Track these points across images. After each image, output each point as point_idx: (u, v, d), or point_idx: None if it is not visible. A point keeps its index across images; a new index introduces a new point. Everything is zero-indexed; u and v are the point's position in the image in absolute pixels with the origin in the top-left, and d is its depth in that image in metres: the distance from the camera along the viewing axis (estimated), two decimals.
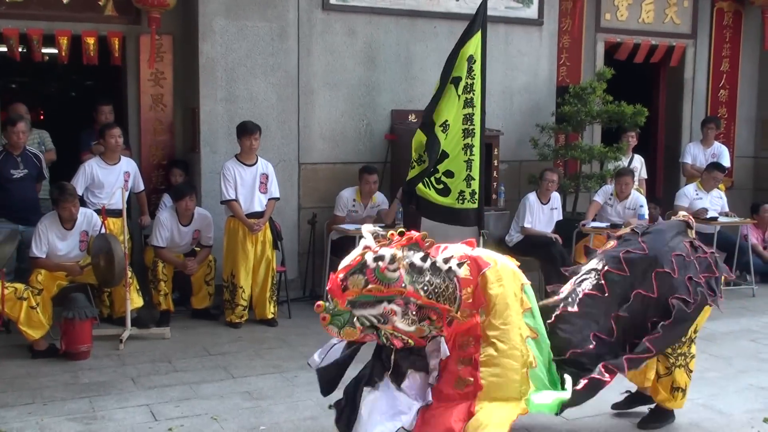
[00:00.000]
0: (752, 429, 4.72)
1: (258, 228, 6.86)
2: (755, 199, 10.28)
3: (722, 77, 10.69)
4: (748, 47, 10.78)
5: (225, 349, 6.23)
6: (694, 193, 8.77)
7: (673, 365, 4.59)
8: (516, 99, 8.97)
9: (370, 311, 3.75)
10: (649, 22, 10.11)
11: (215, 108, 7.54)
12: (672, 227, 4.74)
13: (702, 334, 6.72)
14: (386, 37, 8.26)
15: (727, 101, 10.75)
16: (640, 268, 4.41)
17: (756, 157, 11.08)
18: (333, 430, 4.14)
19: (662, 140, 10.76)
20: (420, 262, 3.82)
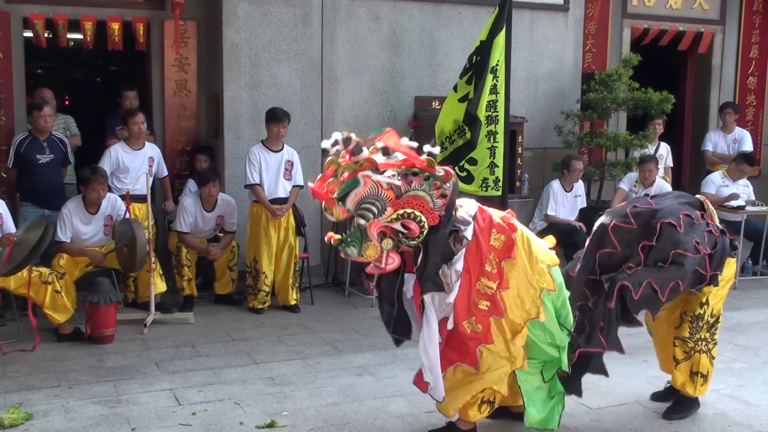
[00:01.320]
0: None
1: (281, 214, 6.87)
2: None
3: (751, 64, 10.51)
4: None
5: (248, 334, 6.26)
6: (721, 180, 8.66)
7: (692, 350, 4.57)
8: (541, 86, 8.90)
9: (368, 201, 3.68)
10: (677, 8, 9.95)
11: (239, 94, 7.54)
12: (685, 197, 4.70)
13: (728, 325, 6.70)
14: (410, 23, 8.21)
15: (755, 88, 10.58)
16: (646, 219, 4.33)
17: None
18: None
19: (689, 128, 10.61)
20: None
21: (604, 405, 4.84)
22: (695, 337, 4.55)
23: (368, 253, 3.75)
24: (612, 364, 5.31)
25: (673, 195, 4.77)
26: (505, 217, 4.12)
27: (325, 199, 3.72)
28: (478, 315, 3.93)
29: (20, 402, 4.68)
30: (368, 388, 5.05)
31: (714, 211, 4.66)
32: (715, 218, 4.62)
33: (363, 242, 3.73)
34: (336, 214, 3.72)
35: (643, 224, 4.33)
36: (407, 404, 4.71)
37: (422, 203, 3.74)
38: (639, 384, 5.18)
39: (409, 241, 3.81)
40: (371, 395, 4.92)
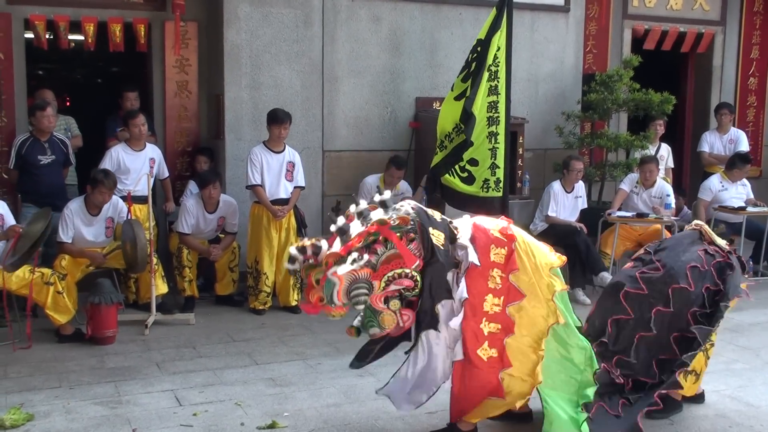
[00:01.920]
0: None
1: (282, 214, 6.88)
2: None
3: (752, 65, 10.52)
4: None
5: (249, 335, 6.26)
6: (719, 184, 8.64)
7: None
8: (541, 87, 8.90)
9: (354, 288, 3.71)
10: (678, 9, 9.96)
11: (240, 95, 7.55)
12: (685, 238, 4.80)
13: (729, 326, 6.70)
14: (411, 24, 8.22)
15: (756, 89, 10.58)
16: (657, 286, 4.50)
17: None
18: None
19: (690, 129, 10.62)
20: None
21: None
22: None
23: (387, 323, 3.80)
24: None
25: (674, 241, 4.84)
26: (503, 228, 4.10)
27: (320, 309, 3.82)
28: (490, 339, 3.92)
29: (21, 403, 4.68)
30: (369, 388, 5.04)
31: (713, 234, 4.79)
32: (716, 241, 4.74)
33: (377, 317, 3.78)
34: (337, 314, 3.78)
35: (655, 292, 4.49)
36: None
37: (397, 261, 3.76)
38: None
39: (412, 293, 3.84)
40: (372, 396, 4.90)
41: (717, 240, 4.76)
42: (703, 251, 4.60)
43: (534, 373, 4.00)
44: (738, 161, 8.63)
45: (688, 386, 4.69)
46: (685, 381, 4.65)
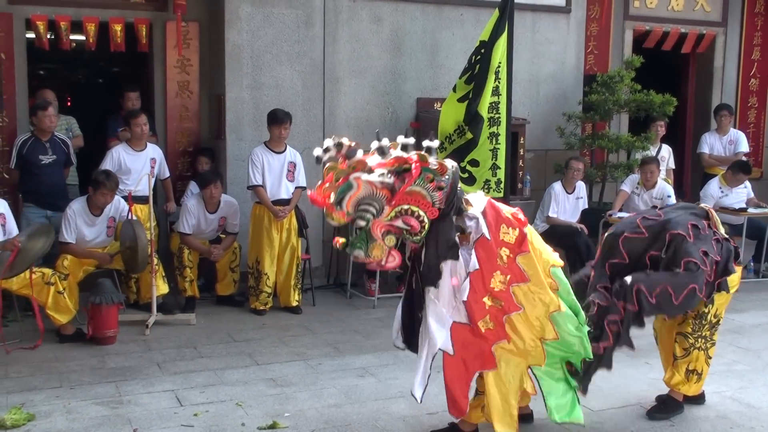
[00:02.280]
0: None
1: (283, 215, 6.88)
2: None
3: (753, 66, 10.51)
4: None
5: (249, 335, 6.26)
6: (719, 191, 8.56)
7: (692, 346, 4.62)
8: (543, 87, 8.90)
9: (366, 203, 3.69)
10: (679, 10, 9.96)
11: (241, 95, 7.55)
12: (691, 208, 4.80)
13: (731, 327, 6.69)
14: (412, 25, 8.22)
15: (757, 90, 10.57)
16: (656, 231, 4.45)
17: None
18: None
19: (691, 130, 10.61)
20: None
21: (605, 407, 4.84)
22: (696, 334, 4.61)
23: (374, 254, 3.78)
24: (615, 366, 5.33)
25: (680, 206, 4.90)
26: (515, 213, 4.12)
27: (324, 205, 3.76)
28: (491, 313, 3.93)
29: (22, 402, 4.69)
30: (370, 389, 5.05)
31: (718, 220, 4.74)
32: (719, 227, 4.69)
33: (369, 243, 3.75)
34: (336, 218, 3.74)
35: (653, 235, 4.44)
36: (409, 405, 4.71)
37: (418, 198, 3.76)
38: (640, 386, 5.18)
39: (412, 237, 3.84)
40: (373, 396, 4.92)
41: (720, 227, 4.72)
42: (707, 223, 4.59)
43: (526, 353, 4.02)
44: (738, 171, 8.53)
45: (691, 386, 4.70)
46: (687, 381, 4.67)
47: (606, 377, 5.25)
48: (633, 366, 5.52)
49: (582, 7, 9.12)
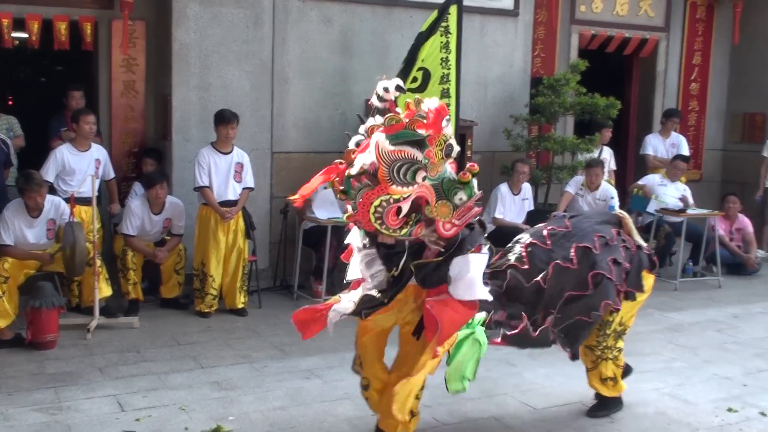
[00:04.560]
0: (716, 418, 4.79)
1: (230, 216, 6.83)
2: (723, 191, 10.39)
3: (694, 70, 10.78)
4: (720, 41, 10.87)
5: (194, 338, 6.20)
6: (660, 180, 8.93)
7: (599, 358, 4.63)
8: (490, 90, 8.99)
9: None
10: (624, 15, 10.16)
11: (188, 95, 7.47)
12: (601, 215, 4.83)
13: (669, 325, 6.87)
14: (362, 26, 8.23)
15: (698, 94, 10.85)
16: (560, 242, 4.42)
17: (725, 150, 11.20)
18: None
19: (634, 132, 10.83)
20: None
21: (548, 405, 4.92)
22: (601, 345, 4.60)
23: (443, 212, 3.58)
24: (556, 365, 5.45)
25: (590, 216, 4.89)
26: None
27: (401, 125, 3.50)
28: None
29: None
30: (315, 391, 5.05)
31: (633, 228, 4.71)
32: (633, 234, 4.67)
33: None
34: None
35: (557, 246, 4.40)
36: (354, 407, 4.72)
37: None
38: (582, 384, 5.22)
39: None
40: (318, 399, 4.92)
41: (634, 233, 4.68)
42: (616, 232, 4.55)
43: None
44: (676, 159, 9.04)
45: (611, 390, 4.74)
46: (606, 387, 4.72)
47: (549, 376, 5.38)
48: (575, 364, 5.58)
49: (530, 10, 9.24)
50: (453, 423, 4.54)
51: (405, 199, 3.47)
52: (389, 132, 3.46)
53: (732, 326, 6.95)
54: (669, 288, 8.36)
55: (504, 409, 4.79)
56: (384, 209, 3.47)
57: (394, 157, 3.45)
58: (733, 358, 6.00)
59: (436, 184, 3.58)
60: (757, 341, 6.48)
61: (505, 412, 4.74)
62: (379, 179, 3.45)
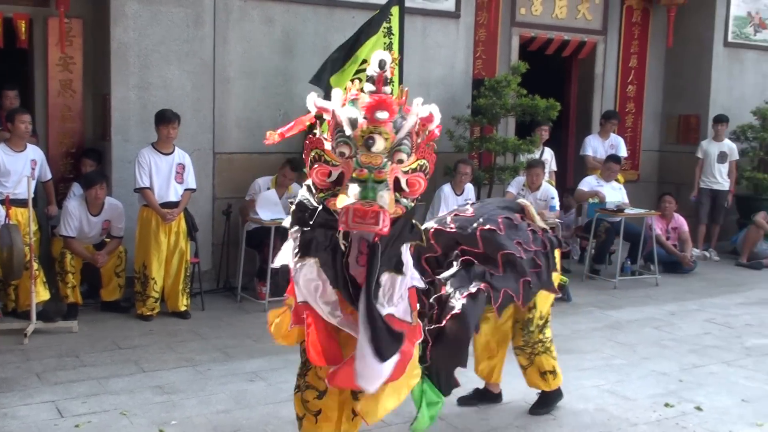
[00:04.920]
0: (654, 413, 4.90)
1: (171, 218, 6.75)
2: (660, 191, 10.66)
3: (630, 73, 11.04)
4: (655, 45, 11.15)
5: (135, 342, 6.10)
6: (595, 182, 9.14)
7: (532, 354, 4.69)
8: (433, 91, 9.04)
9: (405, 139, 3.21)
10: (563, 18, 10.34)
11: (127, 95, 7.34)
12: (505, 202, 4.80)
13: (608, 323, 7.01)
14: (304, 27, 8.20)
15: (634, 96, 11.12)
16: (464, 226, 4.32)
17: (661, 151, 11.50)
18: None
19: (573, 133, 11.04)
20: None
21: (491, 403, 4.97)
22: (531, 342, 4.65)
23: (391, 207, 3.12)
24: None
25: (494, 201, 4.91)
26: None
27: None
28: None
29: None
30: (260, 393, 5.01)
31: (535, 214, 4.65)
32: (536, 220, 4.59)
33: (387, 189, 3.11)
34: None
35: (461, 230, 4.31)
36: None
37: (430, 158, 3.32)
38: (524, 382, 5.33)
39: (407, 201, 3.33)
40: (263, 401, 4.89)
41: (536, 219, 4.62)
42: (520, 216, 4.50)
43: None
44: (609, 160, 9.29)
45: (551, 383, 4.79)
46: (546, 381, 4.77)
47: None
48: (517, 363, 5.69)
49: (471, 12, 9.33)
50: (398, 423, 4.55)
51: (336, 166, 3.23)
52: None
53: (669, 323, 7.14)
54: (608, 287, 8.55)
55: (448, 409, 4.80)
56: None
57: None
58: (669, 354, 6.15)
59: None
60: (693, 337, 6.66)
61: (450, 412, 4.77)
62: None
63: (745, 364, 5.94)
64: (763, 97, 10.98)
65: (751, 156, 10.82)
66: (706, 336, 6.73)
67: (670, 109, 11.37)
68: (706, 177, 10.43)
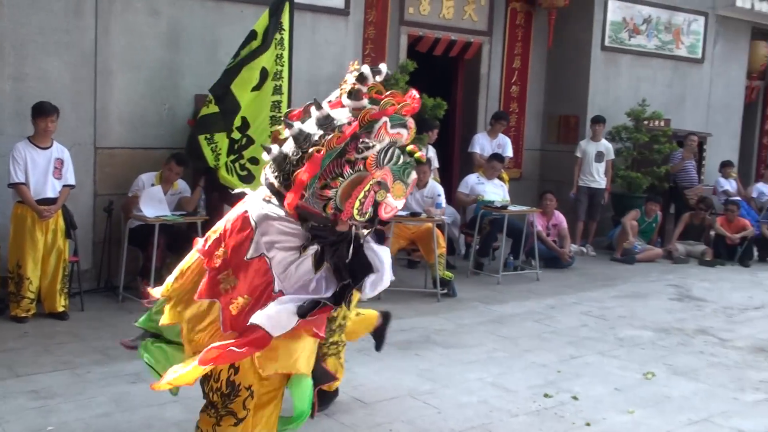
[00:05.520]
0: (534, 403, 5.08)
1: (48, 215, 6.49)
2: (541, 188, 11.04)
3: (514, 74, 11.38)
4: (537, 47, 11.53)
5: (9, 345, 5.83)
6: (477, 179, 9.42)
7: (325, 355, 4.46)
8: (322, 88, 8.99)
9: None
10: (450, 18, 10.55)
11: (2, 86, 6.99)
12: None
13: (491, 317, 7.22)
14: (191, 20, 8.03)
15: (518, 97, 11.46)
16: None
17: (542, 150, 11.90)
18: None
19: (459, 132, 11.27)
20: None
21: (378, 399, 5.02)
22: (328, 342, 4.45)
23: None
24: (385, 359, 5.59)
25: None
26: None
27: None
28: None
29: None
30: (142, 396, 4.88)
31: None
32: None
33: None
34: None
35: None
36: (183, 410, 4.61)
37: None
38: (411, 377, 5.44)
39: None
40: (145, 403, 4.77)
41: None
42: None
43: None
44: (492, 159, 9.54)
45: (332, 385, 4.58)
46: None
47: (378, 370, 5.50)
48: (403, 358, 5.80)
49: (360, 10, 9.38)
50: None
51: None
52: (387, 114, 3.31)
53: (548, 316, 7.41)
54: (492, 282, 8.80)
55: (335, 406, 4.85)
56: (366, 197, 3.17)
57: (390, 140, 3.31)
58: (549, 347, 6.38)
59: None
60: (571, 330, 6.94)
61: (337, 408, 4.80)
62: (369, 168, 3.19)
63: (618, 354, 6.24)
64: (637, 99, 11.51)
65: (625, 155, 11.34)
66: (582, 328, 7.02)
67: (551, 110, 11.79)
68: (584, 175, 10.87)
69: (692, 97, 12.71)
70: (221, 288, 3.38)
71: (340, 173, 3.17)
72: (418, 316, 6.82)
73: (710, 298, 8.56)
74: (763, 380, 5.75)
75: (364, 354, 5.69)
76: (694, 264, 10.73)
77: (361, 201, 3.14)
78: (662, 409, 5.08)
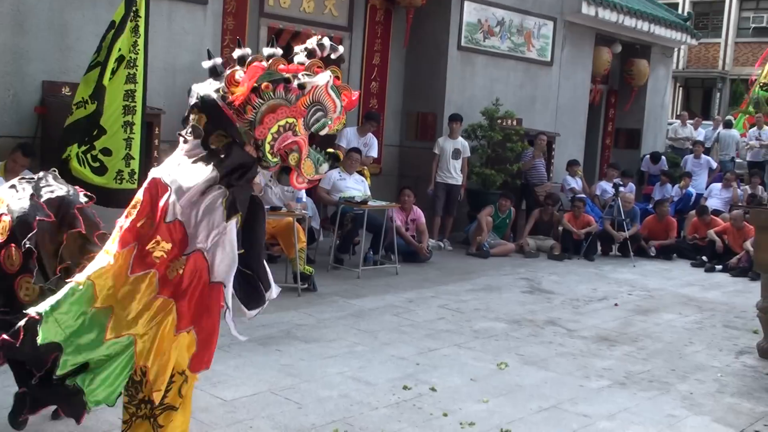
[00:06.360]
0: (394, 396, 5.16)
1: None
2: (400, 184, 11.23)
3: (374, 70, 11.50)
4: (396, 44, 11.70)
5: None
6: (338, 174, 9.46)
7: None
8: (179, 77, 8.79)
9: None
10: (310, 12, 10.53)
11: None
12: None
13: (351, 311, 7.28)
14: (38, 2, 7.59)
15: (377, 93, 11.59)
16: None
17: (401, 146, 12.10)
18: None
19: None
20: None
21: (238, 396, 4.95)
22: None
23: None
24: (245, 354, 5.53)
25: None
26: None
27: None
28: None
29: None
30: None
31: None
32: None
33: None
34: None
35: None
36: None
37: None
38: (272, 373, 5.39)
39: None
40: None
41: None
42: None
43: None
44: (350, 151, 9.68)
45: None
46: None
47: (238, 367, 5.43)
48: (264, 354, 5.74)
49: (218, 0, 9.18)
50: None
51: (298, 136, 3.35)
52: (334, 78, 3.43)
53: (407, 310, 7.54)
54: (352, 276, 8.86)
55: (194, 404, 4.72)
56: (281, 133, 3.30)
57: (322, 101, 3.38)
58: (408, 339, 6.50)
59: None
60: (429, 323, 7.10)
61: (196, 406, 4.65)
62: (298, 106, 3.31)
63: (473, 346, 6.45)
64: (491, 99, 11.90)
65: (480, 153, 11.71)
66: (440, 321, 7.20)
67: (410, 107, 12.00)
68: (441, 172, 11.14)
69: (542, 98, 13.30)
70: (153, 257, 3.35)
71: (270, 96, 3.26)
72: (279, 311, 6.77)
73: (558, 291, 9.00)
74: (606, 368, 6.12)
75: (224, 351, 5.59)
76: (544, 258, 11.25)
77: (274, 136, 3.28)
78: (514, 397, 5.30)
